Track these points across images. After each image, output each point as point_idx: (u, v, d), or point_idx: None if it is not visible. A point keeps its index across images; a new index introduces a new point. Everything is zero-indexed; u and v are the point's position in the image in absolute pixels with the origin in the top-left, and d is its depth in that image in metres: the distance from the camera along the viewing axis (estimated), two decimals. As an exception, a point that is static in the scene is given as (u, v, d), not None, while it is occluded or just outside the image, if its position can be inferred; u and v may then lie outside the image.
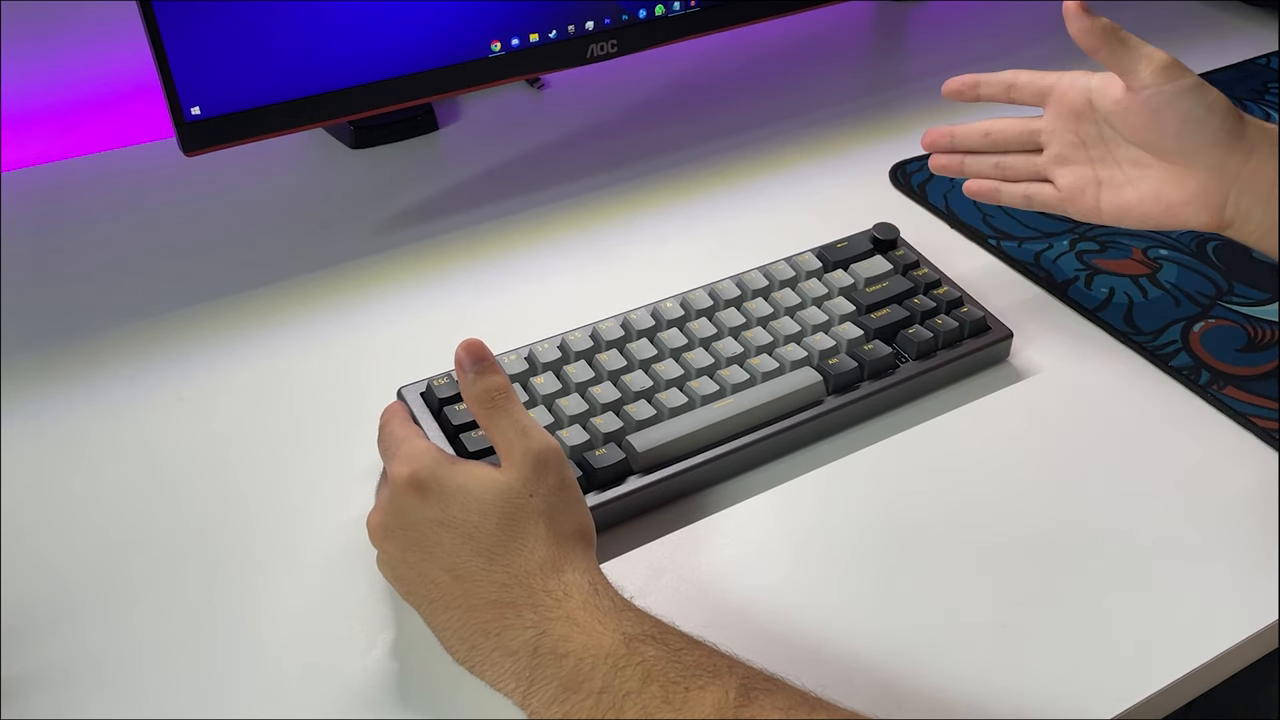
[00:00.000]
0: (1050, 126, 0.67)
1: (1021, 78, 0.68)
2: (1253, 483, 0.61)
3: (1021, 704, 0.51)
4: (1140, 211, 0.64)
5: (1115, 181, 0.65)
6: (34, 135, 0.87)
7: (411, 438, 0.53)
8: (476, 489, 0.49)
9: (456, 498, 0.49)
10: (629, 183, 0.85)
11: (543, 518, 0.49)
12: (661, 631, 0.46)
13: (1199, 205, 0.62)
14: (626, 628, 0.45)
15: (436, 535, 0.49)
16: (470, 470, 0.50)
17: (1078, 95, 0.66)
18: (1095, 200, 0.66)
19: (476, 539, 0.48)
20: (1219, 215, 0.62)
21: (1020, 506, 0.60)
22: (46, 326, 0.71)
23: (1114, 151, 0.65)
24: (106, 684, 0.51)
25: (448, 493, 0.49)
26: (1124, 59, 0.62)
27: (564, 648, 0.45)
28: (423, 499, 0.50)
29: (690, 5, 0.82)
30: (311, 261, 0.77)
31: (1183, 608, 0.55)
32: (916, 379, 0.65)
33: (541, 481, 0.49)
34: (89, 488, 0.60)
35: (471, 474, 0.50)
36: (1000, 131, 0.69)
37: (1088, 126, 0.66)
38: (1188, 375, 0.68)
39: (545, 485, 0.49)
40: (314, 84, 0.71)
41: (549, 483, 0.50)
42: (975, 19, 1.08)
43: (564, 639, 0.45)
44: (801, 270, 0.70)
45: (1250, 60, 1.01)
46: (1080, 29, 0.63)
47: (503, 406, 0.51)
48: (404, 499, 0.50)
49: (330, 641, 0.53)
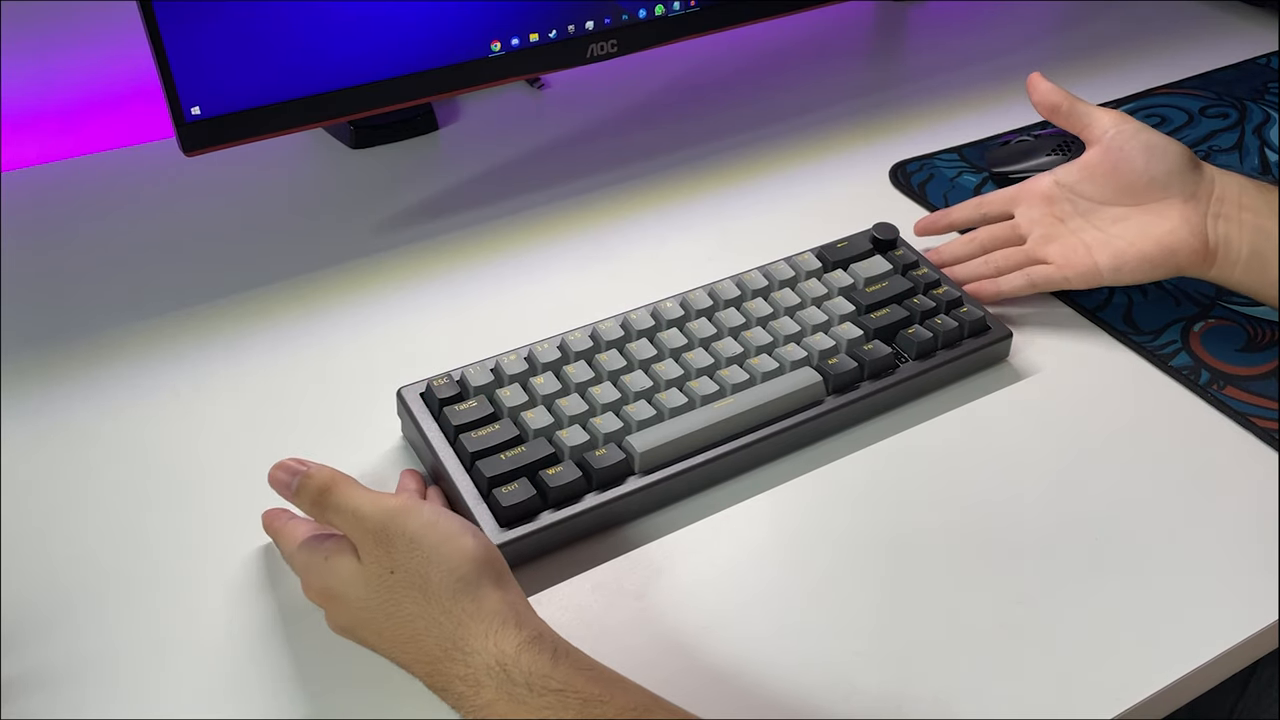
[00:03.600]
0: (1027, 217, 0.73)
1: (987, 197, 0.75)
2: (1253, 483, 0.61)
3: (1022, 704, 0.51)
4: (1136, 252, 0.68)
5: (1103, 240, 0.69)
6: (34, 135, 0.87)
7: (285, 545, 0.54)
8: (350, 592, 0.49)
9: (343, 596, 0.50)
10: (629, 183, 0.85)
11: (415, 589, 0.47)
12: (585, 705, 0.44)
13: (1185, 231, 0.67)
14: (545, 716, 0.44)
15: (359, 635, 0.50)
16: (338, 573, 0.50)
17: (1043, 185, 0.72)
18: (1091, 261, 0.69)
19: (382, 635, 0.49)
20: (1204, 239, 0.67)
21: (1020, 506, 0.60)
22: (46, 326, 0.71)
23: (1092, 219, 0.70)
24: (106, 684, 0.51)
25: (333, 592, 0.50)
26: (1083, 116, 0.71)
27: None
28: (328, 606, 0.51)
29: (690, 5, 0.82)
30: (311, 261, 0.77)
31: (1183, 608, 0.55)
32: (916, 379, 0.65)
33: (391, 551, 0.48)
34: (89, 488, 0.60)
35: (339, 575, 0.50)
36: (986, 234, 0.74)
37: (1062, 205, 0.72)
38: (1188, 375, 0.68)
39: (397, 552, 0.48)
40: (314, 84, 0.71)
41: (400, 548, 0.48)
42: (975, 19, 1.08)
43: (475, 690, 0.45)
44: (801, 270, 0.70)
45: (1250, 60, 1.01)
46: (1042, 95, 0.73)
47: (331, 503, 0.50)
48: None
49: (330, 641, 0.53)
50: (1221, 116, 0.92)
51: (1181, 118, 0.92)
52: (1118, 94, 0.95)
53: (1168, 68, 0.99)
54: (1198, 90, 0.96)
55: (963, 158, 0.87)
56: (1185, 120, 0.92)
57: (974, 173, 0.86)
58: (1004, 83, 0.97)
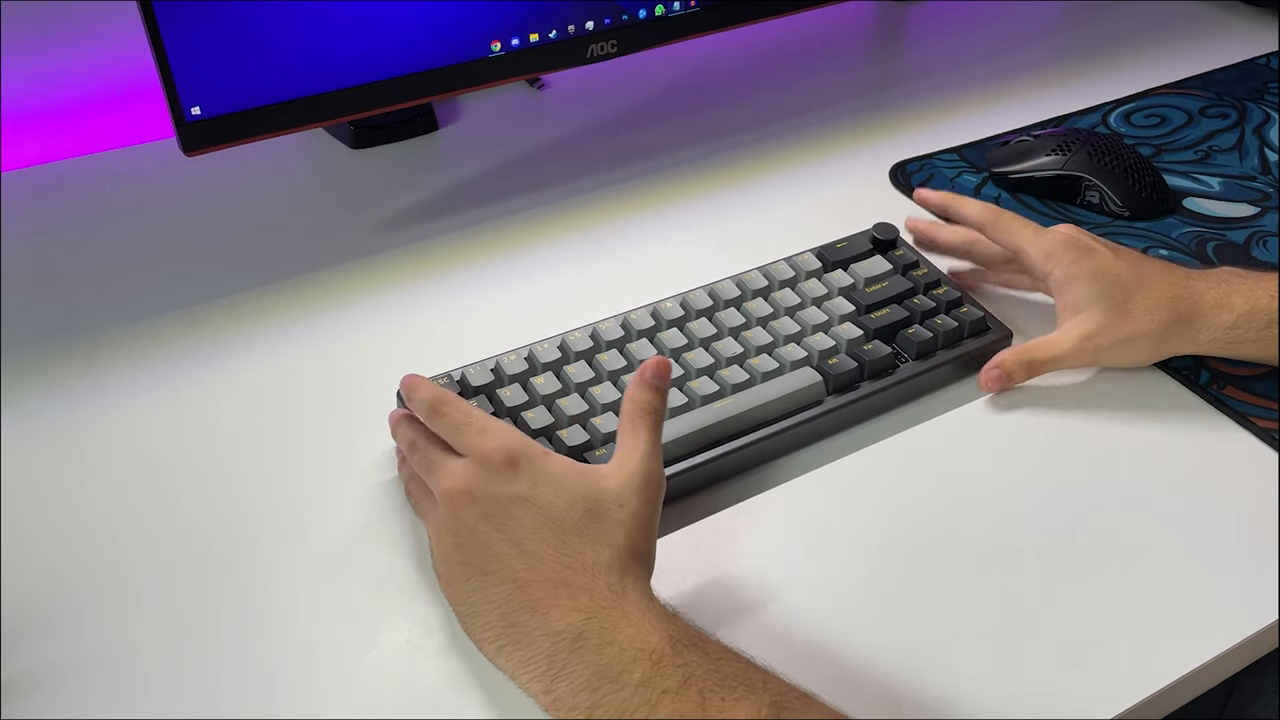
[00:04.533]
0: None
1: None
2: (1253, 483, 0.61)
3: (1021, 704, 0.51)
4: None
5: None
6: (34, 135, 0.87)
7: (492, 418, 0.54)
8: (569, 480, 0.50)
9: (548, 481, 0.50)
10: (629, 183, 0.85)
11: (623, 529, 0.50)
12: (704, 640, 0.47)
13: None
14: (674, 631, 0.46)
15: (517, 510, 0.50)
16: (565, 462, 0.51)
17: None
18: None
19: (557, 522, 0.49)
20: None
21: (1020, 507, 0.60)
22: (46, 326, 0.71)
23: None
24: (106, 684, 0.51)
25: (540, 475, 0.50)
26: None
27: (610, 635, 0.46)
28: (514, 473, 0.50)
29: (690, 5, 0.82)
30: (311, 261, 0.77)
31: (1183, 608, 0.55)
32: (916, 379, 0.65)
33: (636, 500, 0.50)
34: (89, 488, 0.60)
35: (567, 465, 0.51)
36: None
37: None
38: (1188, 375, 0.68)
39: (636, 505, 0.50)
40: (314, 84, 0.71)
41: (640, 504, 0.50)
42: (975, 19, 1.08)
43: (612, 628, 0.46)
44: (801, 270, 0.70)
45: (1250, 60, 1.01)
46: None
47: (649, 422, 0.52)
48: (493, 471, 0.51)
49: (330, 641, 0.53)
50: (1221, 117, 0.92)
51: (1181, 118, 0.92)
52: (1118, 94, 0.95)
53: (1168, 68, 0.99)
54: (1198, 90, 0.96)
55: (963, 158, 0.87)
56: (1185, 120, 0.92)
57: (974, 173, 0.86)
58: (1004, 83, 0.97)
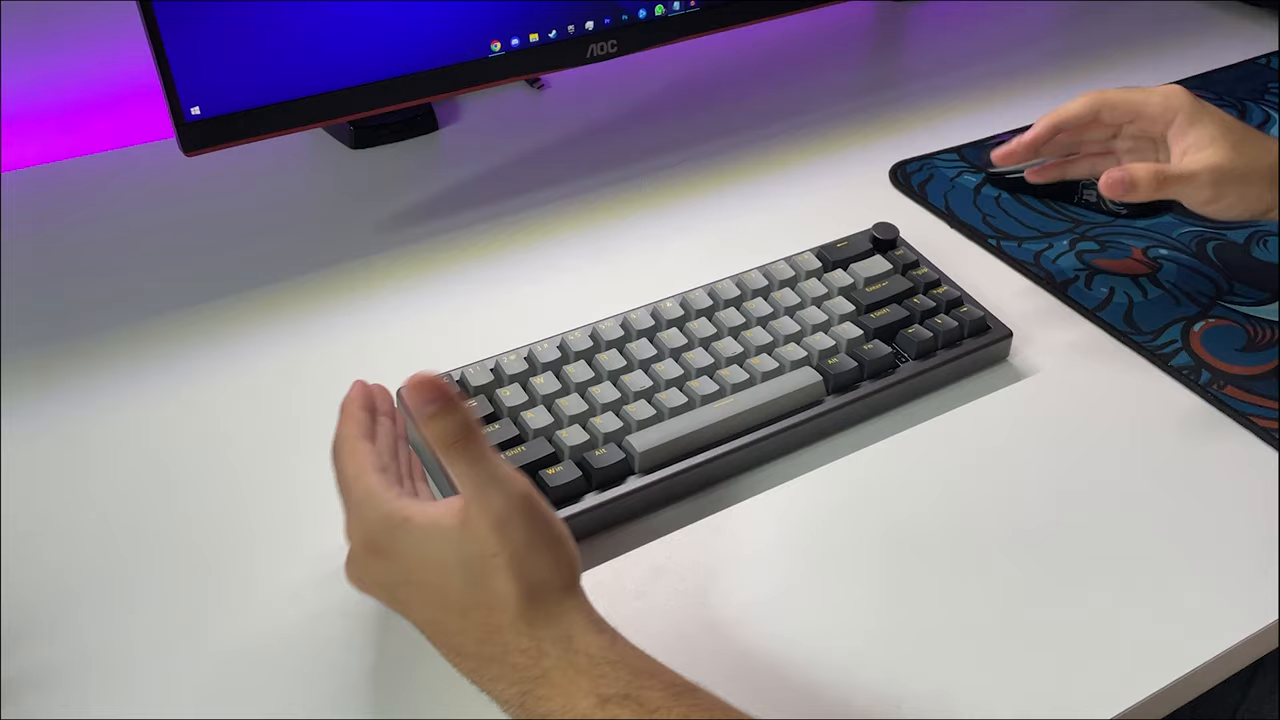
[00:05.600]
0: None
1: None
2: (1253, 483, 0.61)
3: (1021, 704, 0.51)
4: None
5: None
6: (34, 135, 0.87)
7: (359, 479, 0.49)
8: (435, 552, 0.46)
9: (416, 560, 0.47)
10: (629, 183, 0.85)
11: (507, 576, 0.45)
12: (640, 688, 0.44)
13: None
14: (602, 688, 0.44)
15: (406, 593, 0.48)
16: (425, 528, 0.47)
17: None
18: None
19: (446, 598, 0.47)
20: None
21: (1020, 506, 0.60)
22: (46, 326, 0.71)
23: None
24: (106, 684, 0.51)
25: (406, 555, 0.47)
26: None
27: (544, 708, 0.44)
28: (384, 562, 0.48)
29: (690, 5, 0.82)
30: (312, 261, 0.77)
31: (1183, 608, 0.55)
32: (916, 379, 0.65)
33: (507, 539, 0.45)
34: (89, 488, 0.60)
35: (427, 532, 0.47)
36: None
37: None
38: (1188, 375, 0.68)
39: (512, 542, 0.45)
40: (314, 84, 0.71)
41: (516, 539, 0.45)
42: (975, 19, 1.08)
43: (544, 701, 0.44)
44: (801, 270, 0.70)
45: (1250, 60, 1.01)
46: None
47: (468, 450, 0.45)
48: (365, 562, 0.49)
49: (329, 641, 0.53)
50: (1221, 116, 0.92)
51: (1181, 118, 0.92)
52: (1118, 94, 0.95)
53: (1168, 68, 0.99)
54: (1198, 90, 0.96)
55: (963, 158, 0.87)
56: (1185, 120, 0.92)
57: (974, 173, 0.86)
58: (1004, 83, 0.97)
